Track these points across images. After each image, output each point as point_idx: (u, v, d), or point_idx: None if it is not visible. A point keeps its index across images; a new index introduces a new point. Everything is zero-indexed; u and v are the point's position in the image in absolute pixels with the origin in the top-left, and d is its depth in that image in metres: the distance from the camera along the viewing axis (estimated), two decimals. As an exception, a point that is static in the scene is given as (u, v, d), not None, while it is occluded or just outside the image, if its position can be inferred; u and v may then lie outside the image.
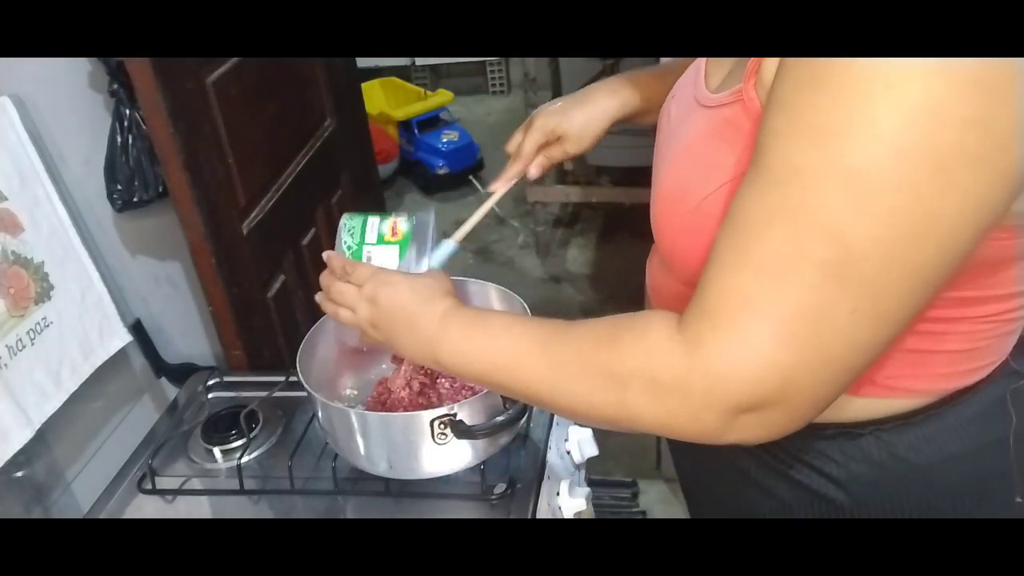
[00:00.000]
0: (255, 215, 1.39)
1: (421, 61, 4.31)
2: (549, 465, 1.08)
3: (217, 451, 1.14)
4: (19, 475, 1.07)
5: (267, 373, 1.29)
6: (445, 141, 3.45)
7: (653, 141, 0.84)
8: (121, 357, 1.24)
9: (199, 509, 1.08)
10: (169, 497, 1.09)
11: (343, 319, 0.82)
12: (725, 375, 0.54)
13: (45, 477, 1.13)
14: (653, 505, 1.97)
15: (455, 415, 0.95)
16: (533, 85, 2.77)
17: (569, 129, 0.99)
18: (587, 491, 1.10)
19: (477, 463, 1.01)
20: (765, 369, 0.53)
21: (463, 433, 0.95)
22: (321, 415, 1.03)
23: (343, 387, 1.15)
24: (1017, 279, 0.63)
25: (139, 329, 1.29)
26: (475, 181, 3.45)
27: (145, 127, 1.17)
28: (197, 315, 1.44)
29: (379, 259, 0.91)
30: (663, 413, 0.58)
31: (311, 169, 1.60)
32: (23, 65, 1.10)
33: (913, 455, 0.68)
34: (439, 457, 0.98)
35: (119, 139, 1.18)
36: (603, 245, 3.06)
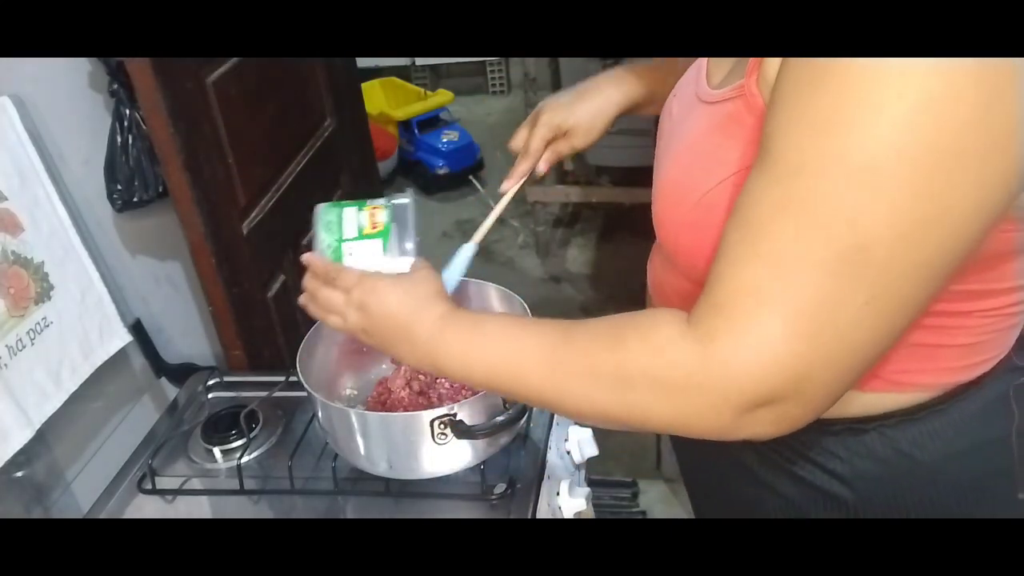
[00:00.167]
0: (255, 215, 1.39)
1: (421, 61, 4.30)
2: (549, 465, 1.08)
3: (217, 451, 1.14)
4: (19, 475, 1.07)
5: (267, 373, 1.28)
6: (445, 141, 3.45)
7: (653, 141, 0.84)
8: (121, 357, 1.24)
9: (199, 509, 1.08)
10: (169, 497, 1.09)
11: (332, 324, 0.79)
12: (739, 370, 0.54)
13: (45, 477, 1.13)
14: (653, 505, 1.97)
15: (455, 415, 0.95)
16: (533, 85, 2.77)
17: (577, 123, 0.97)
18: (587, 491, 1.10)
19: (477, 463, 1.01)
20: (780, 363, 0.53)
21: (463, 433, 0.95)
22: (321, 415, 1.03)
23: (343, 387, 1.15)
24: (1020, 272, 0.64)
25: (139, 329, 1.29)
26: (475, 181, 3.45)
27: (145, 127, 1.17)
28: (197, 315, 1.44)
29: (361, 255, 0.85)
30: (675, 411, 0.58)
31: (311, 169, 1.60)
32: (23, 65, 1.10)
33: (917, 451, 0.68)
34: (439, 457, 0.98)
35: (119, 139, 1.18)
36: (603, 245, 3.06)
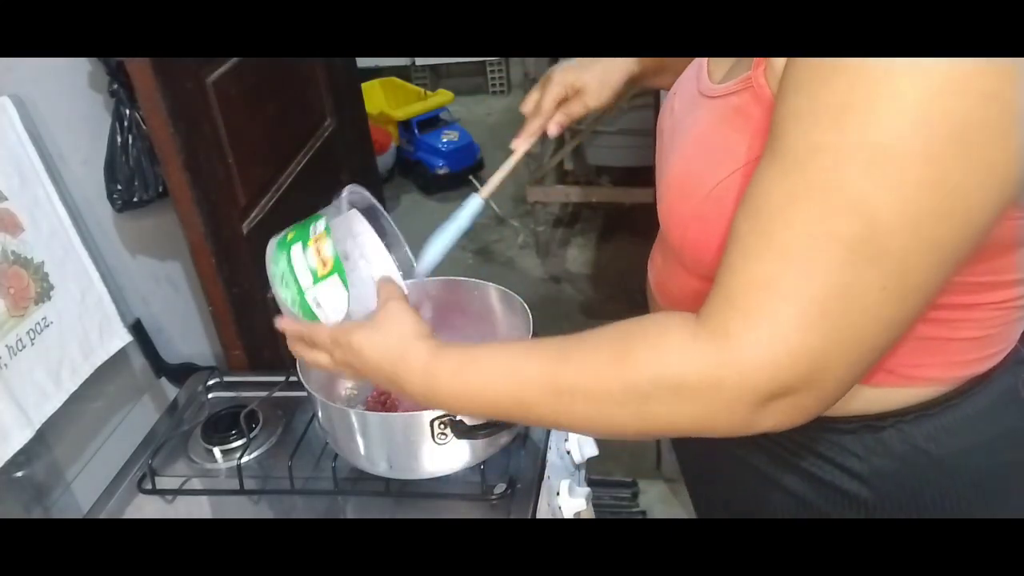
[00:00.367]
0: (255, 215, 1.39)
1: (421, 61, 4.31)
2: (549, 465, 1.08)
3: (217, 451, 1.14)
4: (19, 475, 1.07)
5: (267, 373, 1.28)
6: (445, 141, 3.45)
7: (653, 141, 0.84)
8: (121, 357, 1.24)
9: (199, 509, 1.08)
10: (169, 497, 1.09)
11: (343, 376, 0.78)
12: (756, 363, 0.54)
13: (45, 477, 1.13)
14: (653, 505, 1.97)
15: (455, 415, 0.95)
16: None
17: (589, 81, 0.94)
18: (587, 491, 1.10)
19: (477, 463, 1.01)
20: (795, 353, 0.53)
21: (463, 433, 0.95)
22: (321, 415, 1.03)
23: (343, 387, 1.15)
24: None
25: (139, 329, 1.29)
26: (475, 181, 3.45)
27: (145, 127, 1.17)
28: (197, 315, 1.44)
29: (327, 300, 0.78)
30: (694, 414, 0.57)
31: (311, 169, 1.60)
32: (23, 65, 1.10)
33: (933, 446, 0.68)
34: (439, 457, 0.98)
35: (119, 139, 1.18)
36: (603, 245, 3.06)
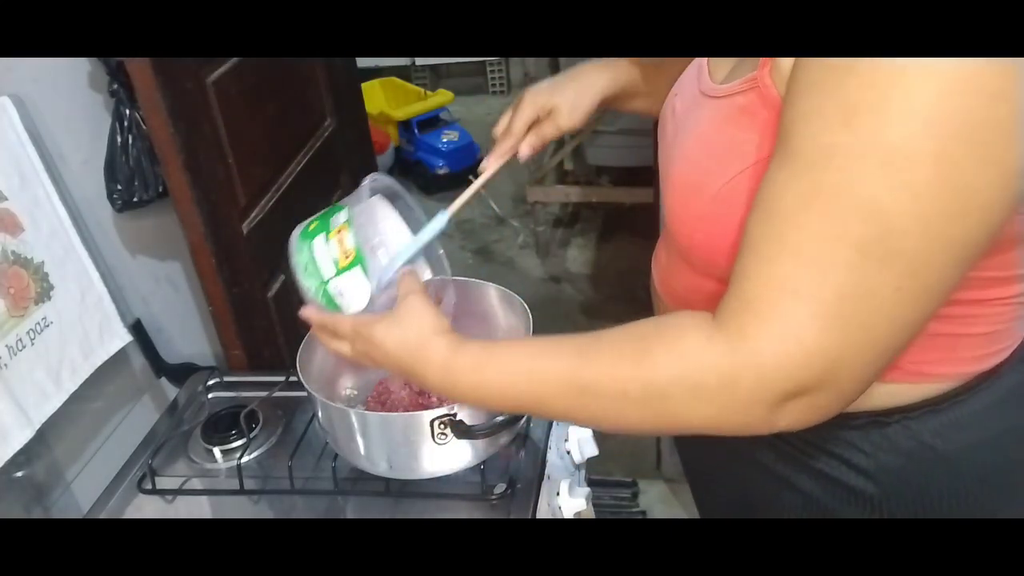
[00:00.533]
0: (255, 215, 1.39)
1: (421, 61, 4.31)
2: (549, 465, 1.08)
3: (217, 451, 1.14)
4: (19, 475, 1.07)
5: (267, 373, 1.28)
6: (445, 141, 3.45)
7: (653, 141, 0.84)
8: (121, 357, 1.24)
9: (199, 509, 1.08)
10: (169, 497, 1.09)
11: (358, 363, 0.79)
12: (772, 364, 0.54)
13: (45, 477, 1.13)
14: (653, 505, 1.97)
15: (455, 415, 0.95)
16: (533, 85, 2.77)
17: (561, 102, 0.94)
18: (587, 491, 1.10)
19: (477, 463, 1.01)
20: (811, 354, 0.54)
21: (463, 433, 0.95)
22: (321, 415, 1.03)
23: (343, 387, 1.15)
24: None
25: (139, 329, 1.28)
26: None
27: (145, 127, 1.16)
28: (197, 315, 1.44)
29: (350, 291, 0.81)
30: (711, 414, 0.58)
31: (311, 169, 1.60)
32: (23, 65, 1.10)
33: (940, 442, 0.68)
34: (439, 457, 0.98)
35: (119, 139, 1.18)
36: (603, 245, 3.06)
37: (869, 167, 0.51)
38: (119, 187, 1.19)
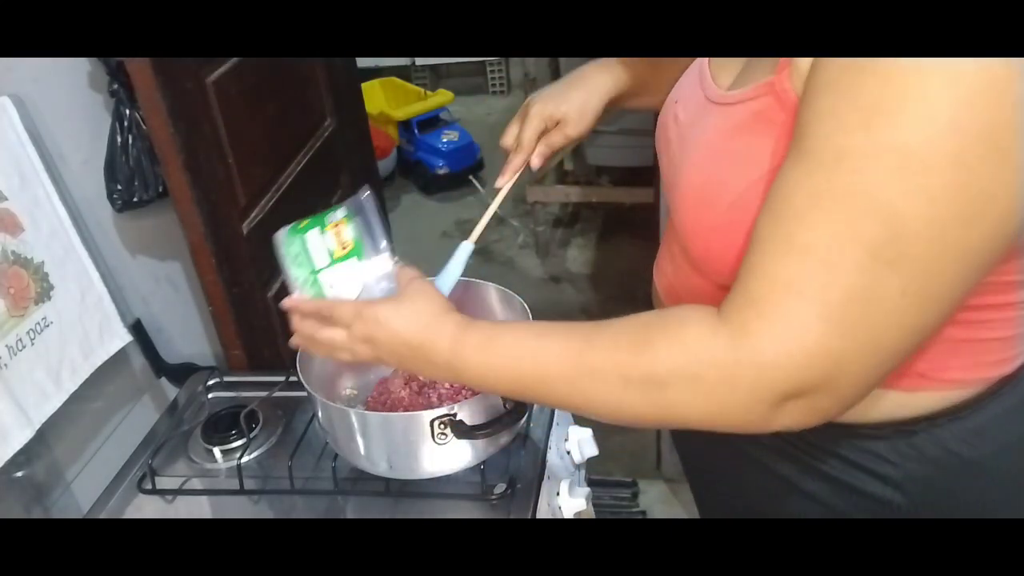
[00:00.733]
0: (255, 215, 1.39)
1: (421, 61, 4.31)
2: (549, 465, 1.08)
3: (217, 451, 1.14)
4: (19, 475, 1.07)
5: (267, 373, 1.28)
6: (445, 141, 3.45)
7: (653, 141, 0.83)
8: (121, 357, 1.24)
9: (199, 509, 1.08)
10: (169, 497, 1.09)
11: (343, 360, 0.78)
12: (773, 363, 0.54)
13: (45, 477, 1.13)
14: (653, 505, 1.97)
15: (455, 415, 0.94)
16: (533, 85, 2.77)
17: (568, 111, 0.94)
18: (587, 491, 1.10)
19: (477, 463, 1.01)
20: (813, 355, 0.53)
21: (463, 433, 0.95)
22: (321, 415, 1.03)
23: (343, 387, 1.15)
24: None
25: (139, 329, 1.28)
26: (475, 181, 3.45)
27: (145, 127, 1.16)
28: (197, 315, 1.44)
29: (341, 281, 0.81)
30: (709, 408, 0.58)
31: (311, 169, 1.60)
32: (23, 65, 1.10)
33: (965, 449, 0.68)
34: (439, 457, 0.98)
35: (119, 139, 1.18)
36: (603, 245, 3.06)
37: (884, 169, 0.51)
38: (119, 187, 1.19)
